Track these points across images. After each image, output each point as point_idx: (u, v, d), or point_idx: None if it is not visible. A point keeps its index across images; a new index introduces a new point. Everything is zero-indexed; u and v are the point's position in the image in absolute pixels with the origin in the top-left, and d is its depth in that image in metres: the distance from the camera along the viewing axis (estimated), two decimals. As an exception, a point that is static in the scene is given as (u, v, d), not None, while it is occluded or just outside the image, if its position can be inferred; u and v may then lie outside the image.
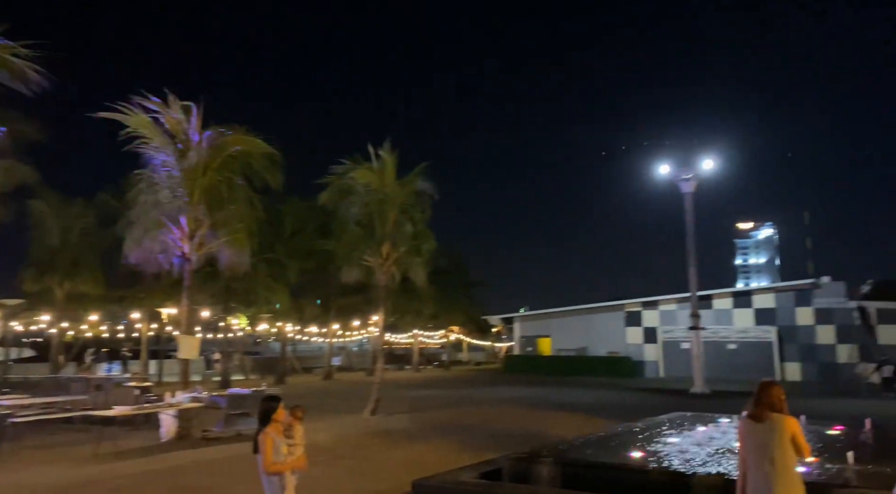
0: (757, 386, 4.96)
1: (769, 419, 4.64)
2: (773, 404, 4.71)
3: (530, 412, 18.14)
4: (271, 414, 5.20)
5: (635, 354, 40.11)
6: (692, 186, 28.67)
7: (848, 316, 35.81)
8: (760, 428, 4.65)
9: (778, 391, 4.82)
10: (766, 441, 4.58)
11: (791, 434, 4.56)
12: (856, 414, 13.91)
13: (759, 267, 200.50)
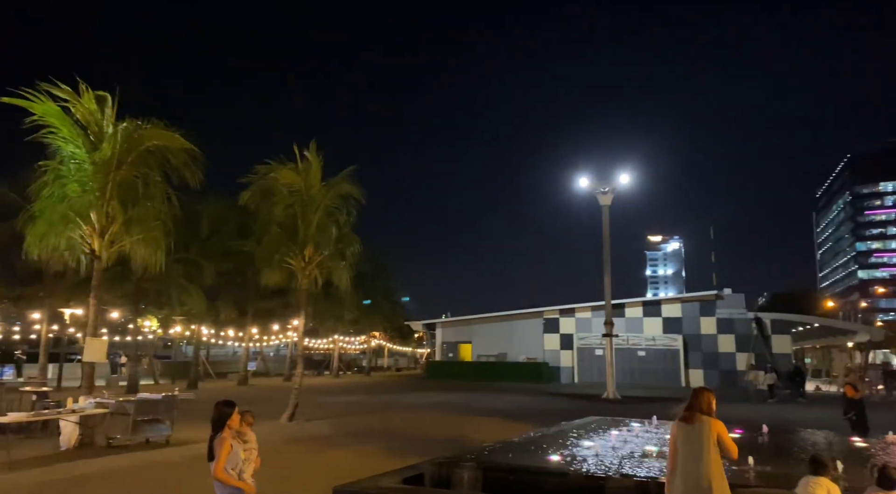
0: (691, 392, 5.29)
1: (699, 421, 4.97)
2: (704, 408, 5.05)
3: (451, 418, 18.29)
4: (226, 420, 5.10)
5: (552, 360, 41.26)
6: (609, 199, 29.91)
7: (746, 326, 38.29)
8: (691, 430, 4.98)
9: (709, 396, 5.17)
10: (696, 442, 4.91)
11: (717, 434, 4.93)
12: (750, 419, 14.91)
13: (668, 278, 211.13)
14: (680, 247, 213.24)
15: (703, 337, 38.94)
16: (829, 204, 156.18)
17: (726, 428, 5.13)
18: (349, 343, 59.37)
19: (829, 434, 11.81)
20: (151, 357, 38.93)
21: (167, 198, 15.07)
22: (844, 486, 6.53)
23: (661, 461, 8.08)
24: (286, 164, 17.93)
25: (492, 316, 44.91)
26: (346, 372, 55.30)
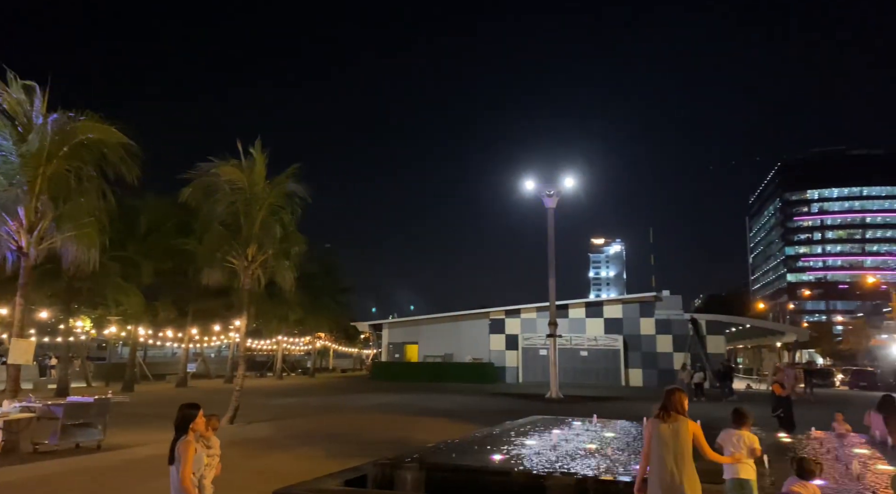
0: (664, 393, 5.42)
1: (675, 420, 5.12)
2: (678, 407, 5.20)
3: (396, 419, 18.25)
4: (190, 422, 4.98)
5: (498, 360, 41.69)
6: (554, 202, 30.45)
7: (683, 327, 39.66)
8: (667, 429, 5.11)
9: (681, 396, 5.31)
10: (671, 440, 5.05)
11: (693, 433, 5.10)
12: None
13: (610, 280, 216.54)
14: (622, 250, 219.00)
15: (642, 337, 40.10)
16: (760, 210, 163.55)
17: (701, 429, 5.29)
18: (294, 344, 58.41)
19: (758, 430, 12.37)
20: (84, 359, 37.31)
21: (102, 194, 14.49)
22: (771, 480, 6.88)
23: (600, 458, 8.30)
24: (230, 160, 17.52)
25: (439, 317, 45.04)
26: (290, 374, 54.38)
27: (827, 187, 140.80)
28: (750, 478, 5.71)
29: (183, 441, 4.91)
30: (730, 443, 5.78)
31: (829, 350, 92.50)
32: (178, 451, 4.88)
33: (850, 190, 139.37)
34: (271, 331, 46.70)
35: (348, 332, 65.01)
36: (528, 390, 31.87)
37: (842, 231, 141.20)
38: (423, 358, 43.61)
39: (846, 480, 7.11)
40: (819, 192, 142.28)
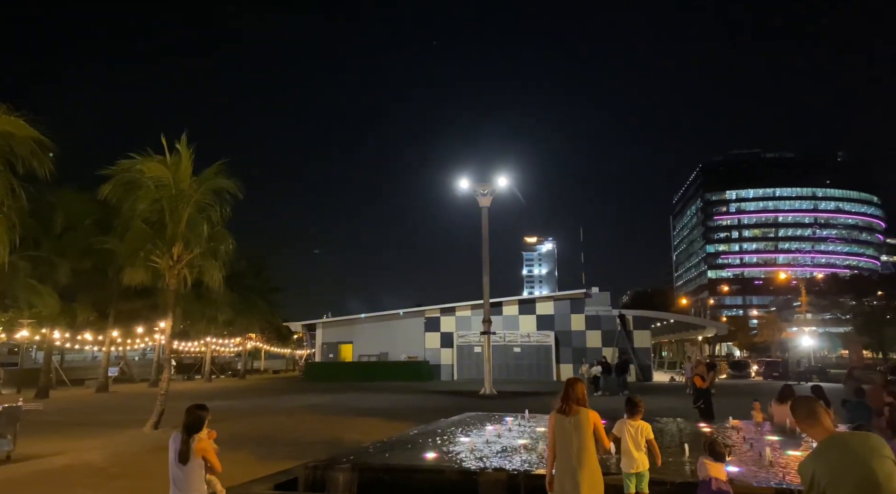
0: (564, 383, 5.46)
1: (575, 412, 5.17)
2: (579, 399, 5.26)
3: (329, 419, 18.01)
4: (203, 423, 5.10)
5: (433, 358, 41.83)
6: (488, 201, 30.79)
7: (611, 322, 40.96)
8: (568, 421, 5.15)
9: (581, 387, 5.39)
10: (573, 432, 5.10)
11: (593, 424, 5.16)
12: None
13: (542, 277, 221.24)
14: (554, 248, 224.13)
15: (573, 333, 41.16)
16: (683, 209, 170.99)
17: (601, 420, 5.39)
18: (223, 346, 56.69)
19: (680, 421, 12.94)
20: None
21: (11, 189, 13.60)
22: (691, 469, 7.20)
23: (531, 453, 8.46)
24: (154, 156, 16.80)
25: (374, 316, 44.74)
26: (220, 376, 52.75)
27: (744, 188, 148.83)
28: (643, 470, 5.89)
29: (202, 439, 5.09)
30: (625, 433, 5.96)
31: (746, 343, 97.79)
32: (198, 449, 5.02)
33: (764, 191, 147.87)
34: (199, 332, 45.16)
35: (280, 332, 63.72)
36: (462, 387, 32.12)
37: (757, 230, 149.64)
38: (357, 358, 43.22)
39: (758, 466, 7.52)
40: (737, 193, 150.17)
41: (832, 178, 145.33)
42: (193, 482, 4.96)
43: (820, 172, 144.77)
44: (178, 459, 4.98)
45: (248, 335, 56.04)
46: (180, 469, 4.97)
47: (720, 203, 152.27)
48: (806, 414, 3.47)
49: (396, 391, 29.66)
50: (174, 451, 5.02)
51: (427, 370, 40.53)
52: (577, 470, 5.00)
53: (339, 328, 45.03)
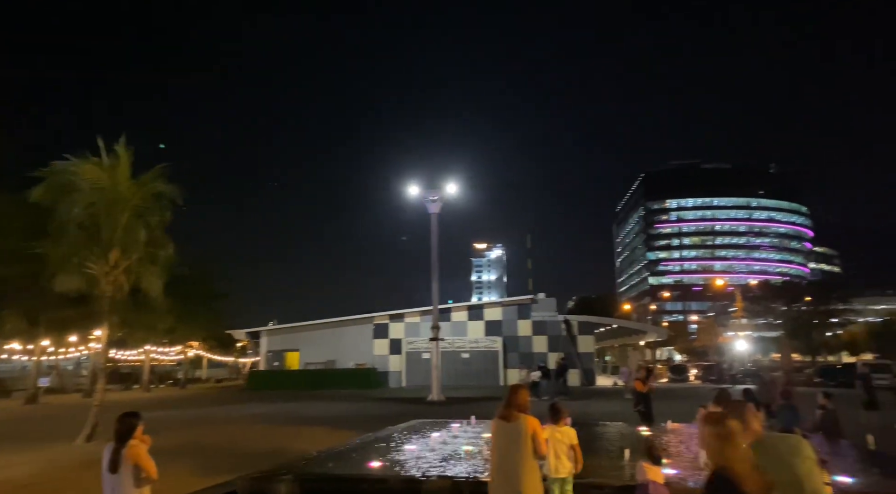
0: (507, 390, 5.47)
1: (516, 419, 5.19)
2: (521, 405, 5.27)
3: (274, 429, 17.66)
4: (134, 431, 4.98)
5: (381, 365, 41.56)
6: (438, 207, 30.89)
7: (557, 328, 41.66)
8: (509, 427, 5.17)
9: (524, 394, 5.40)
10: (514, 439, 5.11)
11: (532, 431, 5.16)
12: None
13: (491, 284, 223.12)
14: (502, 254, 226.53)
15: (520, 339, 41.66)
16: (626, 217, 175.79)
17: (540, 425, 5.46)
18: (163, 354, 54.85)
19: (621, 425, 13.28)
20: None
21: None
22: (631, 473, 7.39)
23: (476, 459, 8.52)
24: (91, 159, 16.18)
25: (320, 323, 44.15)
26: (159, 386, 50.98)
27: (683, 198, 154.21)
28: (567, 476, 5.96)
29: (134, 446, 4.96)
30: (550, 439, 6.02)
31: (685, 347, 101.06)
32: (130, 456, 4.89)
33: (702, 200, 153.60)
34: (138, 341, 43.57)
35: (224, 340, 62.11)
36: (410, 393, 32.03)
37: (696, 238, 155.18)
38: (304, 366, 42.54)
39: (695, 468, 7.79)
40: (677, 202, 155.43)
41: (765, 188, 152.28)
42: (126, 491, 4.83)
43: (754, 183, 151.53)
44: (108, 468, 4.86)
45: (190, 343, 54.40)
46: (112, 479, 4.85)
47: (661, 212, 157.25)
48: (735, 416, 3.64)
49: (344, 399, 29.33)
50: (106, 461, 4.90)
51: (375, 378, 40.24)
52: (517, 476, 5.03)
53: (285, 336, 44.24)
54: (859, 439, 10.80)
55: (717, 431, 3.42)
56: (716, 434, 3.41)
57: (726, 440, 3.36)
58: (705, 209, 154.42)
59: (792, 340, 78.66)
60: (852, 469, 7.73)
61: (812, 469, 3.34)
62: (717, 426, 3.43)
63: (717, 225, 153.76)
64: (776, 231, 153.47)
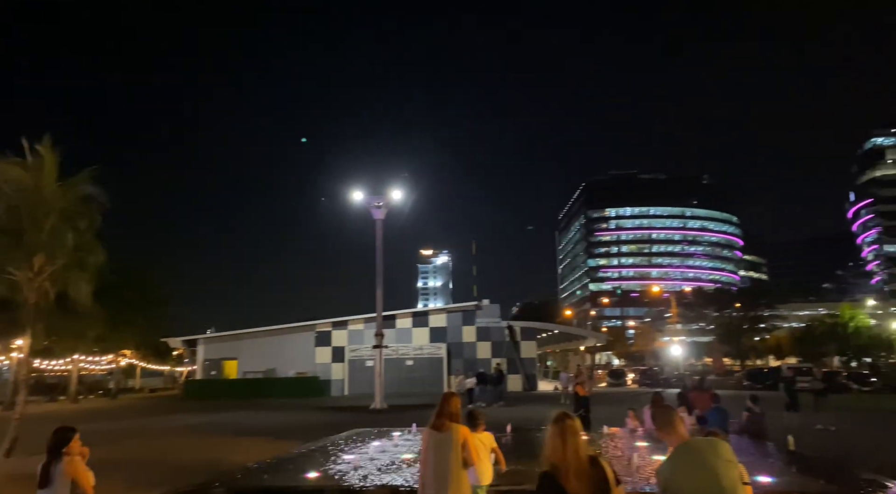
0: (440, 398, 5.46)
1: (448, 428, 5.20)
2: (453, 414, 5.29)
3: (209, 440, 17.15)
4: (65, 445, 4.88)
5: (323, 373, 40.95)
6: (383, 213, 30.74)
7: (500, 334, 42.09)
8: (440, 437, 5.16)
9: (456, 402, 5.42)
10: (446, 448, 5.10)
11: (463, 440, 5.19)
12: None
13: (437, 290, 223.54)
14: (448, 261, 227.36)
15: (464, 345, 41.85)
16: (568, 225, 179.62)
17: (470, 434, 5.46)
18: (94, 363, 52.36)
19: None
20: None
21: None
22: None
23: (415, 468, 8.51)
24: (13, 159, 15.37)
25: (261, 331, 43.18)
26: (89, 396, 48.64)
27: (622, 207, 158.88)
28: (487, 483, 5.96)
29: (69, 461, 4.83)
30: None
31: (623, 352, 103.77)
32: (67, 471, 4.76)
33: (640, 209, 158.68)
34: (66, 350, 41.46)
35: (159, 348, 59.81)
36: (353, 402, 31.69)
37: (633, 246, 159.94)
38: (242, 374, 41.47)
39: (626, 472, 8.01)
40: (616, 210, 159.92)
41: (699, 199, 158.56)
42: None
43: (688, 193, 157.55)
44: (38, 483, 4.70)
45: (123, 351, 52.17)
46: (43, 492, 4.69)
47: (601, 220, 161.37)
48: (663, 422, 3.79)
49: (284, 408, 28.76)
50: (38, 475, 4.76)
51: (317, 386, 39.62)
52: (447, 486, 5.03)
53: (223, 344, 43.04)
54: (781, 439, 11.35)
55: (553, 429, 3.60)
56: (552, 433, 3.60)
57: (559, 438, 3.55)
58: (643, 218, 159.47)
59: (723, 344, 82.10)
60: (773, 469, 8.12)
61: (731, 472, 3.50)
62: (554, 425, 3.60)
63: (653, 233, 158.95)
64: (709, 240, 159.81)
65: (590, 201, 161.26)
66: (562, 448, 3.57)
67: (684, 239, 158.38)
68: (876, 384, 41.46)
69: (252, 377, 40.81)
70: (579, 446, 3.59)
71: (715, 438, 4.00)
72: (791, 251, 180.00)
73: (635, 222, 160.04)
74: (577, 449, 3.57)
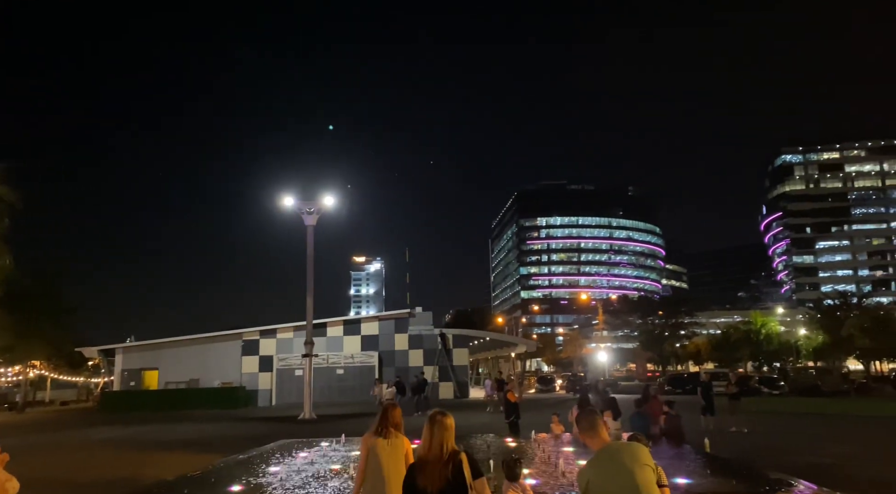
0: (382, 408, 5.41)
1: (394, 437, 5.16)
2: (397, 423, 5.26)
3: (127, 455, 16.31)
4: None
5: (250, 383, 39.78)
6: (314, 219, 30.27)
7: (433, 341, 42.12)
8: (385, 445, 5.10)
9: (398, 412, 5.38)
10: (389, 457, 5.04)
11: (406, 450, 5.17)
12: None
13: (370, 297, 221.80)
14: (382, 268, 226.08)
15: (396, 353, 41.62)
16: (501, 234, 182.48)
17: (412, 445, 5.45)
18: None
19: (489, 437, 13.66)
20: None
21: None
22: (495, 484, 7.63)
23: (341, 479, 8.39)
24: None
25: (183, 339, 41.51)
26: (-10, 411, 45.38)
27: (552, 216, 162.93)
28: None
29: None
30: None
31: (553, 358, 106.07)
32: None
33: (569, 219, 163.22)
34: (-34, 361, 38.63)
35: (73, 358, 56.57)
36: (281, 412, 30.93)
37: (563, 254, 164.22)
38: (164, 385, 39.72)
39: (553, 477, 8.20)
40: (546, 220, 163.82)
41: (624, 209, 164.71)
42: None
43: (615, 204, 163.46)
44: None
45: (31, 362, 49.02)
46: None
47: (532, 229, 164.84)
48: (586, 427, 3.90)
49: (208, 420, 27.73)
50: None
51: (243, 397, 38.42)
52: (391, 491, 4.98)
53: (143, 354, 41.13)
54: (698, 442, 11.88)
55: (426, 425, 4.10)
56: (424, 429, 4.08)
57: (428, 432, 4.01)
58: (572, 228, 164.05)
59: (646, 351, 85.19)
60: (690, 471, 8.50)
61: (648, 475, 3.64)
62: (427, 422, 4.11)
63: (582, 242, 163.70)
64: (634, 249, 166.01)
65: (522, 210, 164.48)
66: (428, 442, 3.96)
67: (611, 248, 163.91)
68: (784, 388, 43.91)
69: (174, 388, 39.16)
70: (444, 440, 3.95)
71: (635, 442, 4.14)
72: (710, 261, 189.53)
73: (565, 232, 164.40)
74: (442, 443, 3.94)
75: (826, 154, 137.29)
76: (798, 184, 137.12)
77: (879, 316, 65.05)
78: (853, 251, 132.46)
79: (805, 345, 72.76)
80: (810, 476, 8.52)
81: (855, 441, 16.43)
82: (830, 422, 22.12)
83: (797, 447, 14.94)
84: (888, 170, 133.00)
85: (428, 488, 3.85)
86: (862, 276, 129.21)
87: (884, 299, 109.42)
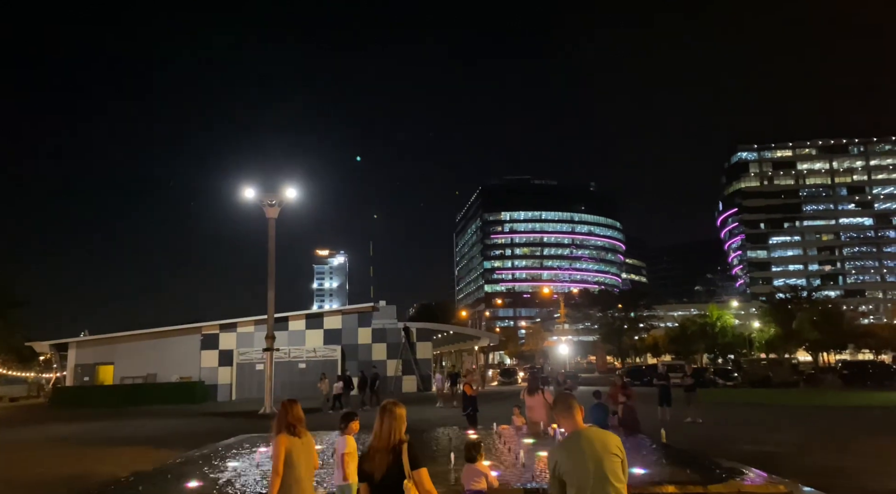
0: (282, 405, 5.19)
1: (304, 435, 5.06)
2: (300, 418, 5.09)
3: (78, 452, 15.86)
4: None
5: (209, 378, 39.10)
6: (276, 212, 29.81)
7: (397, 335, 42.02)
8: (299, 445, 4.97)
9: (298, 407, 5.17)
10: (300, 457, 4.92)
11: (314, 448, 5.16)
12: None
13: (333, 291, 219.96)
14: (345, 261, 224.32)
15: (359, 347, 41.37)
16: (465, 228, 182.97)
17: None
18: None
19: (450, 429, 13.73)
20: None
21: None
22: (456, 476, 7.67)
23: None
24: None
25: (140, 334, 40.51)
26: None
27: (516, 211, 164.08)
28: (353, 482, 5.96)
29: None
30: (341, 448, 6.17)
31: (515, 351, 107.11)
32: None
33: (532, 214, 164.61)
34: None
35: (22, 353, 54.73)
36: (241, 407, 30.49)
37: (526, 249, 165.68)
38: (119, 380, 38.71)
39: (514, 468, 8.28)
40: (510, 214, 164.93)
41: (586, 205, 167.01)
42: None
43: (577, 199, 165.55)
44: None
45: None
46: None
47: (496, 223, 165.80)
48: (563, 408, 3.95)
49: (165, 415, 27.17)
50: None
51: (202, 391, 37.72)
52: (312, 489, 5.02)
53: (98, 348, 40.00)
54: (654, 432, 12.16)
55: (377, 414, 4.21)
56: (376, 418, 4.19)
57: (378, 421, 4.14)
58: (535, 222, 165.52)
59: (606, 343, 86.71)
60: (647, 461, 8.69)
61: (615, 464, 3.71)
62: (379, 411, 4.22)
63: (545, 237, 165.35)
64: (595, 244, 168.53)
65: (486, 205, 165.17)
66: (378, 430, 4.07)
67: (573, 243, 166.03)
68: (738, 379, 45.17)
69: (130, 383, 38.21)
70: (392, 429, 4.05)
71: (607, 431, 4.23)
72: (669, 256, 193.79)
73: (528, 226, 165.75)
74: (390, 432, 4.04)
75: (779, 152, 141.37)
76: (753, 181, 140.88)
77: (827, 310, 67.59)
78: (804, 247, 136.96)
79: (758, 337, 75.04)
80: (761, 465, 8.82)
81: (802, 430, 17.05)
82: (780, 412, 22.89)
83: (749, 436, 15.43)
84: (837, 168, 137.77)
85: (375, 475, 3.95)
86: (812, 270, 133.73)
87: (832, 293, 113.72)
